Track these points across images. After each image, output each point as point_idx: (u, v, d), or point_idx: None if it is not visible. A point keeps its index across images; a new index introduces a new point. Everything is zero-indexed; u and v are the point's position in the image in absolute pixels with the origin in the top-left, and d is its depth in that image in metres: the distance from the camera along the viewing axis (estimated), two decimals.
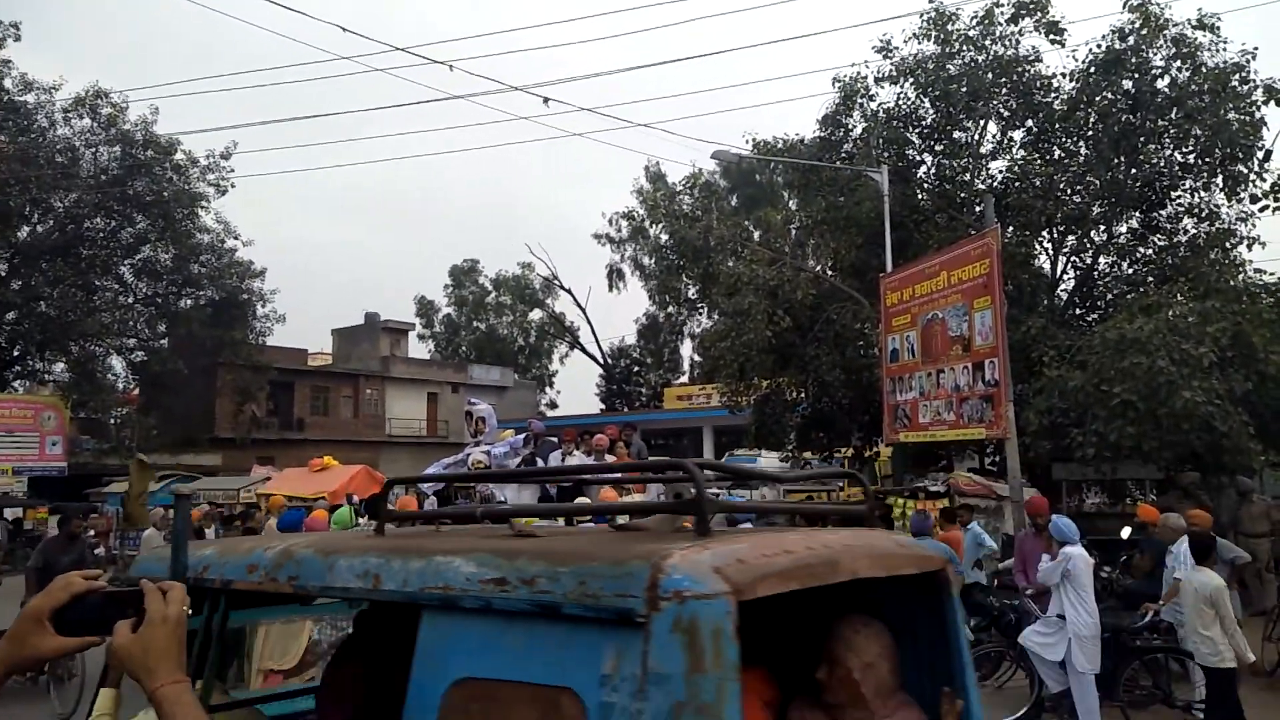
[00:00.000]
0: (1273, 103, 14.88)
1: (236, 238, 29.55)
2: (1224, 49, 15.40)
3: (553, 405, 54.99)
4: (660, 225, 41.78)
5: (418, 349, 52.26)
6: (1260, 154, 15.09)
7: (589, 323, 48.92)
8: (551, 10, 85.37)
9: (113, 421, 30.57)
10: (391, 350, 45.52)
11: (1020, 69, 17.02)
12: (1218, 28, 15.45)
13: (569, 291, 48.32)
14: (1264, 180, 15.20)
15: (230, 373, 32.49)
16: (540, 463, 11.44)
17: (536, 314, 54.56)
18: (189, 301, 29.55)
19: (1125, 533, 11.43)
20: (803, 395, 19.13)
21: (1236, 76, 15.07)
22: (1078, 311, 17.66)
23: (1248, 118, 14.93)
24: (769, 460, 24.52)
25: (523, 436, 11.76)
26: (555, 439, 12.18)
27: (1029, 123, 17.42)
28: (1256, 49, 15.15)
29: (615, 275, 48.58)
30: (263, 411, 36.81)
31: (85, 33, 74.56)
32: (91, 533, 20.95)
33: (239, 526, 10.74)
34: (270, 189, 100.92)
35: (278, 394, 38.04)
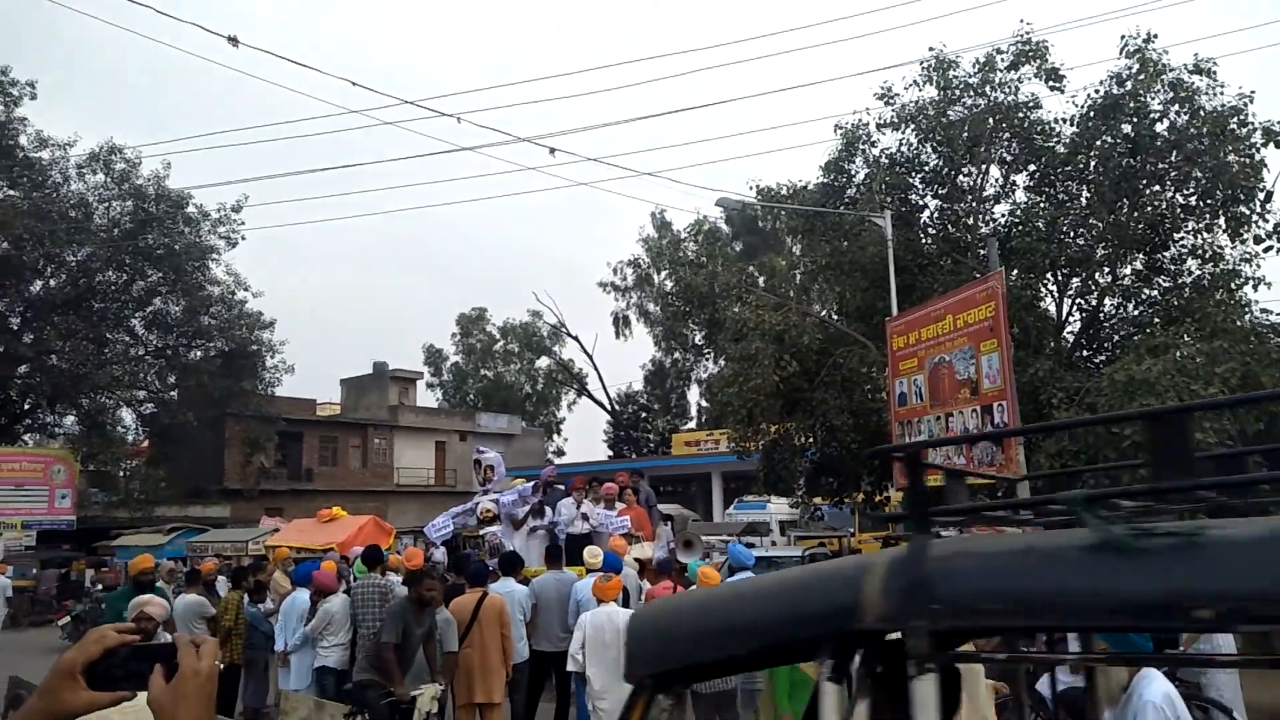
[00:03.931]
0: (1272, 144, 15.00)
1: (246, 289, 29.87)
2: (1221, 93, 15.58)
3: (560, 453, 54.89)
4: (665, 272, 42.13)
5: (426, 398, 52.40)
6: (1261, 195, 15.18)
7: (596, 370, 49.08)
8: (557, 63, 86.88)
9: (122, 474, 30.59)
10: (400, 399, 45.60)
11: (1021, 114, 17.23)
12: (1214, 72, 15.65)
13: (576, 339, 48.55)
14: (1266, 221, 15.27)
15: (239, 424, 32.58)
16: (549, 511, 11.40)
17: (544, 361, 54.74)
18: (199, 353, 29.75)
19: None
20: (811, 440, 19.07)
21: (1235, 119, 15.21)
22: (1085, 353, 17.64)
23: (1247, 159, 15.03)
24: (778, 506, 24.37)
25: (531, 485, 11.72)
26: (563, 487, 12.14)
27: (1031, 167, 17.58)
28: (1254, 92, 15.33)
29: (621, 322, 48.83)
30: (271, 462, 36.81)
31: (99, 89, 76.05)
32: (100, 585, 20.94)
33: (250, 579, 10.68)
34: (280, 241, 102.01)
35: (286, 444, 38.06)
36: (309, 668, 8.80)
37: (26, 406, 28.44)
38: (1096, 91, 16.51)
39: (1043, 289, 17.38)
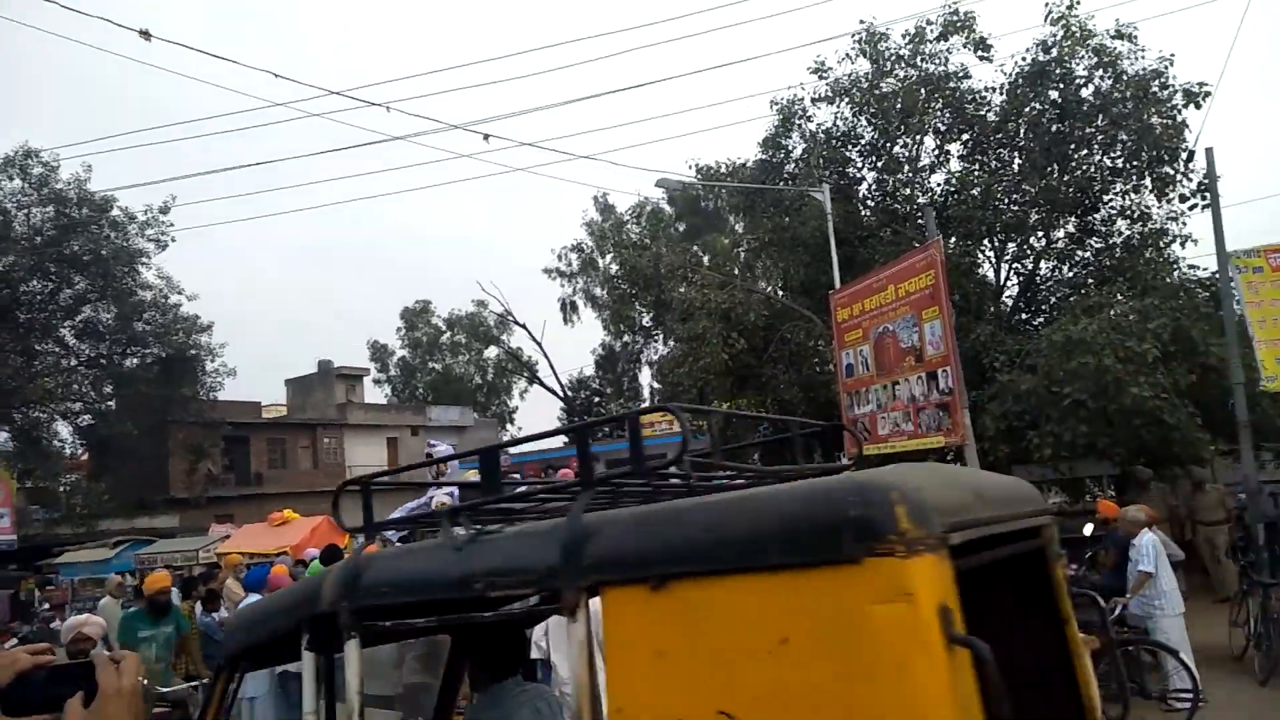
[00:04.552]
0: (1192, 105, 15.44)
1: (180, 292, 28.99)
2: (1143, 56, 15.99)
3: (515, 442, 54.56)
4: (610, 255, 42.03)
5: (374, 394, 51.65)
6: (1184, 155, 15.63)
7: (546, 357, 48.72)
8: (487, 47, 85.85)
9: (62, 489, 29.65)
10: (347, 397, 44.95)
11: (952, 84, 17.48)
12: (1135, 37, 16.04)
13: (524, 327, 48.12)
14: (1190, 180, 15.74)
15: (181, 431, 31.77)
16: None
17: (492, 351, 54.29)
18: (135, 361, 28.83)
19: (1088, 529, 11.60)
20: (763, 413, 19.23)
21: (1156, 82, 15.62)
22: (1024, 316, 18.05)
23: (1170, 121, 15.46)
24: None
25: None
26: (518, 475, 12.09)
27: (964, 136, 17.86)
28: (1174, 55, 15.76)
29: (569, 308, 48.59)
30: (218, 468, 36.02)
31: (8, 93, 73.21)
32: (47, 605, 20.36)
33: (202, 588, 10.44)
34: (212, 241, 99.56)
35: (233, 449, 37.29)
36: (266, 673, 8.65)
37: None
38: (1024, 59, 16.83)
39: (980, 255, 17.73)
